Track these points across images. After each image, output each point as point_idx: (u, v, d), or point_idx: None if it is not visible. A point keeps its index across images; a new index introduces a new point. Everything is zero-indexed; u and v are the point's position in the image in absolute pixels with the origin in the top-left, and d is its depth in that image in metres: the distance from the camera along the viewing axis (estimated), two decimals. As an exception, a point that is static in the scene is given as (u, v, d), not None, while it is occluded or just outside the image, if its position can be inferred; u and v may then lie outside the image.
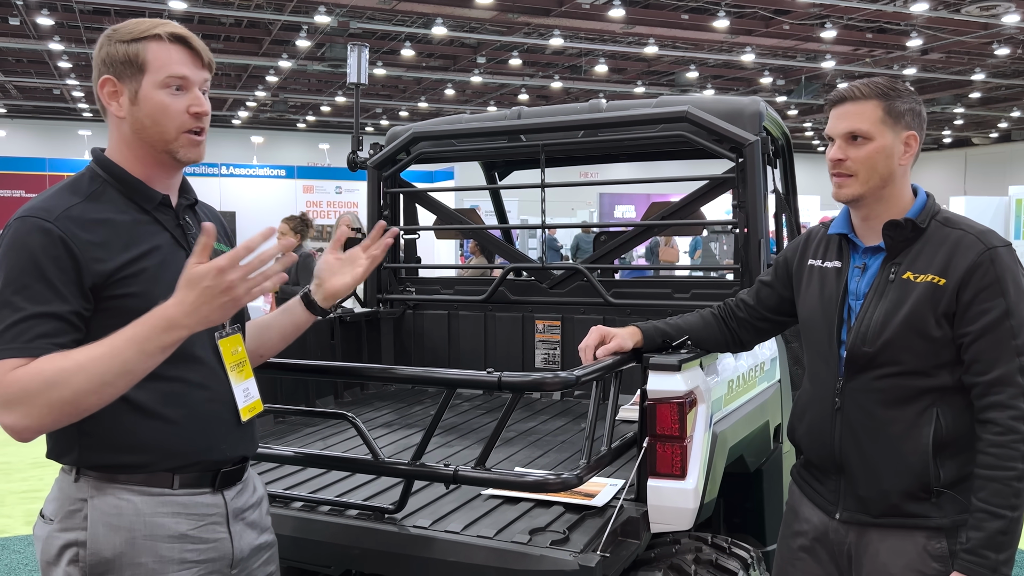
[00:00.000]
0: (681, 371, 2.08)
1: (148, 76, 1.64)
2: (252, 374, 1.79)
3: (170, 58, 1.65)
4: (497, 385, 1.90)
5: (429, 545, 2.00)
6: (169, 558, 1.61)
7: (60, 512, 1.62)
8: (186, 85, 1.66)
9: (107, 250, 1.57)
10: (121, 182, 1.66)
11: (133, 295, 1.57)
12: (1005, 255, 1.80)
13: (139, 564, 1.59)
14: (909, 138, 1.89)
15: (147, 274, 1.59)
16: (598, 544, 1.93)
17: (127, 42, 1.64)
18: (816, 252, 2.07)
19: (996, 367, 1.76)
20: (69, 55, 18.98)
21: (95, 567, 1.58)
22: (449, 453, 2.71)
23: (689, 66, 20.30)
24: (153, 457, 1.62)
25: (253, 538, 1.77)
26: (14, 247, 1.54)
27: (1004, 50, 17.59)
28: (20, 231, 1.55)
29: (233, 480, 1.74)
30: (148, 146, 1.67)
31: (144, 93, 1.64)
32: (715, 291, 3.36)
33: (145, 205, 1.67)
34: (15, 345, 1.47)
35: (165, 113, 1.64)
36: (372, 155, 3.74)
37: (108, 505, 1.59)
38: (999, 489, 1.74)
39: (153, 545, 1.60)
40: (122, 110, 1.65)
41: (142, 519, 1.60)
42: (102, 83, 1.65)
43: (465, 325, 3.74)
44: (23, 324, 1.49)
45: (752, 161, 3.03)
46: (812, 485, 2.05)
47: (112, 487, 1.60)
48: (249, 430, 1.77)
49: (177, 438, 1.63)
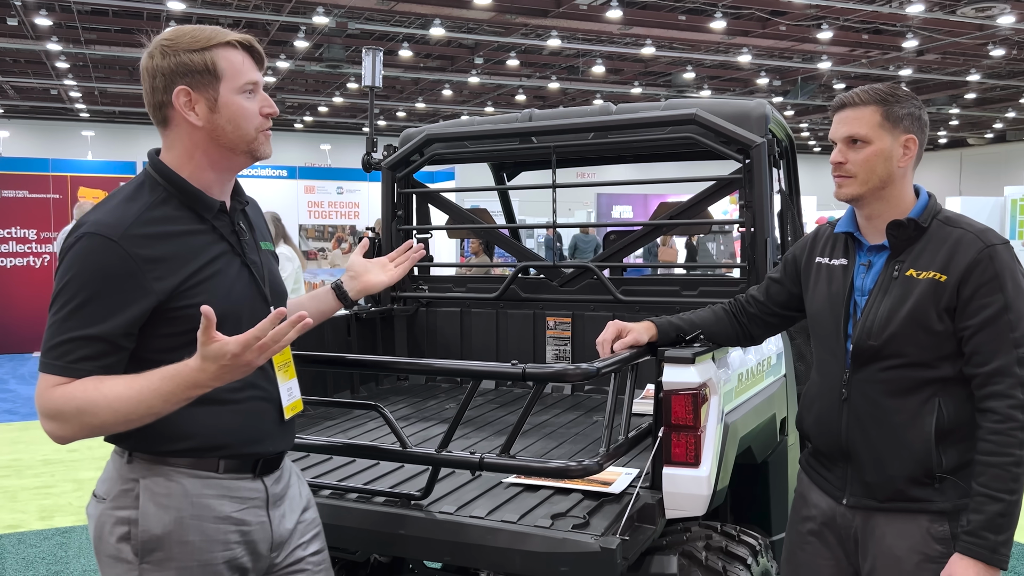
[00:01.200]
0: (695, 364, 2.17)
1: (225, 83, 1.69)
2: (295, 375, 1.88)
3: (242, 64, 1.72)
4: (522, 376, 1.99)
5: (456, 530, 2.10)
6: (214, 538, 1.70)
7: (112, 491, 1.71)
8: (256, 89, 1.74)
9: (169, 266, 1.63)
10: (181, 192, 1.70)
11: (194, 306, 1.58)
12: (1003, 252, 1.90)
13: (187, 542, 1.67)
14: (908, 141, 1.99)
15: (206, 284, 1.66)
16: (617, 528, 2.02)
17: (197, 51, 1.68)
18: (824, 250, 2.17)
19: (995, 359, 1.86)
20: (67, 55, 19.03)
21: (146, 544, 1.66)
22: (468, 444, 2.81)
23: (686, 67, 20.41)
24: (202, 444, 1.70)
25: (291, 520, 1.86)
26: (76, 263, 1.60)
27: (999, 51, 17.73)
28: (85, 248, 1.59)
29: (272, 468, 1.83)
30: (226, 150, 1.73)
31: (223, 100, 1.69)
32: (722, 288, 3.46)
33: (204, 214, 1.72)
34: (59, 363, 1.57)
35: (245, 117, 1.71)
36: (386, 156, 3.83)
37: (158, 485, 1.68)
38: (998, 474, 1.83)
39: (200, 525, 1.69)
40: (200, 119, 1.69)
41: (190, 500, 1.68)
42: (177, 93, 1.67)
43: (477, 322, 3.84)
44: (70, 344, 1.57)
45: (759, 162, 3.13)
46: (820, 472, 2.15)
47: (162, 468, 1.69)
48: (290, 427, 1.88)
49: (227, 431, 1.72)
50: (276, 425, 1.82)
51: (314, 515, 1.96)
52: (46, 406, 1.57)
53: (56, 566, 4.49)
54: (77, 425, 1.56)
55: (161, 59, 1.69)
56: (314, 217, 12.96)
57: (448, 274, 4.20)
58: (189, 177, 1.72)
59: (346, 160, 26.22)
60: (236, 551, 1.73)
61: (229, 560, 1.71)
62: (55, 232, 11.91)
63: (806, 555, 2.16)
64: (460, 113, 26.85)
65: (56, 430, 1.58)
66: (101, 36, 17.95)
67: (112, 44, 18.37)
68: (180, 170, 1.72)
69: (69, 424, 1.56)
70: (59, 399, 1.55)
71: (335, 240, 12.93)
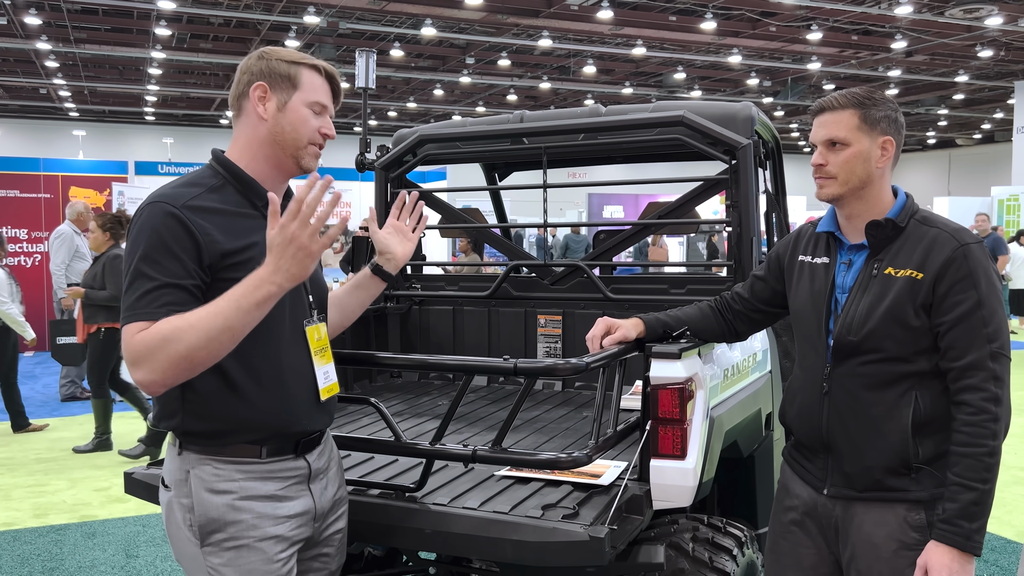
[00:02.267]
0: (681, 359, 2.24)
1: (299, 93, 1.90)
2: (332, 359, 2.02)
3: (320, 86, 1.94)
4: (514, 371, 2.05)
5: (450, 521, 2.15)
6: (265, 514, 1.84)
7: (173, 481, 1.88)
8: (323, 112, 1.94)
9: (220, 234, 1.79)
10: (238, 179, 1.89)
11: (238, 280, 1.73)
12: (977, 251, 1.98)
13: (240, 521, 1.82)
14: (885, 143, 2.06)
15: (252, 263, 1.77)
16: (606, 518, 2.08)
17: (287, 62, 1.91)
18: (806, 249, 2.24)
19: (969, 353, 1.93)
20: (56, 55, 18.99)
21: (204, 526, 1.82)
22: (461, 438, 2.87)
23: (677, 67, 20.52)
24: (242, 425, 1.83)
25: (331, 493, 2.01)
26: (147, 228, 1.76)
27: (987, 52, 17.90)
28: (152, 215, 1.76)
29: (312, 446, 1.97)
30: (279, 148, 1.90)
31: (292, 104, 1.90)
32: (709, 287, 3.53)
33: (256, 202, 1.89)
34: (145, 311, 1.69)
35: (305, 124, 1.91)
36: (379, 157, 3.88)
37: (207, 474, 1.83)
38: (972, 464, 1.90)
39: (250, 504, 1.83)
40: (267, 113, 1.89)
41: (237, 483, 1.83)
42: (255, 87, 1.89)
43: (469, 320, 3.90)
44: (154, 293, 1.71)
45: (745, 163, 3.20)
46: (802, 464, 2.22)
47: (208, 458, 1.83)
48: (327, 407, 2.00)
49: (266, 410, 1.84)
50: (312, 405, 1.94)
51: (345, 493, 2.11)
52: (134, 350, 1.68)
53: (51, 563, 4.53)
54: (164, 360, 1.65)
55: (255, 62, 1.92)
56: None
57: (440, 272, 4.25)
58: (246, 168, 1.91)
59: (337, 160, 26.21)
60: (286, 525, 1.87)
61: (279, 535, 1.86)
62: (46, 232, 11.91)
63: (788, 544, 2.23)
64: (451, 113, 26.89)
65: (146, 375, 1.67)
66: (91, 35, 17.92)
67: (102, 43, 18.34)
68: (238, 161, 1.91)
69: (156, 361, 1.65)
70: (146, 337, 1.67)
71: (327, 239, 12.90)
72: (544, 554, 2.05)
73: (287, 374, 1.88)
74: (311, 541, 1.98)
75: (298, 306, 1.93)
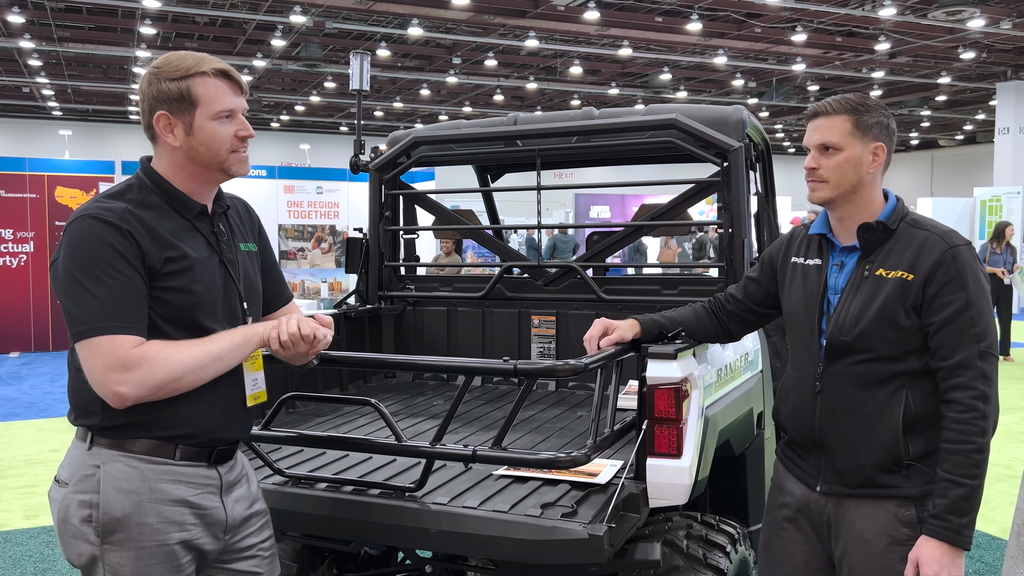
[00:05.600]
0: (677, 359, 2.28)
1: (200, 109, 1.87)
2: (262, 367, 2.04)
3: (217, 92, 1.88)
4: (513, 372, 2.09)
5: (450, 520, 2.18)
6: (171, 519, 1.83)
7: (75, 476, 1.84)
8: (233, 115, 1.91)
9: (153, 244, 1.81)
10: (166, 193, 1.90)
11: (173, 289, 1.81)
12: (966, 253, 2.03)
13: (145, 524, 1.80)
14: (877, 149, 2.11)
15: (187, 273, 1.82)
16: (604, 516, 2.12)
17: (175, 80, 1.85)
18: (799, 250, 2.28)
19: (958, 353, 1.98)
20: (40, 53, 18.84)
21: (107, 526, 1.80)
22: (458, 438, 2.89)
23: (663, 68, 20.60)
24: (163, 434, 1.84)
25: (244, 508, 2.01)
26: (87, 239, 1.75)
27: (969, 54, 18.08)
28: (89, 226, 1.76)
29: (226, 458, 1.98)
30: (201, 167, 1.91)
31: (198, 124, 1.87)
32: (701, 287, 3.58)
33: (186, 214, 1.91)
34: (131, 324, 1.73)
35: (218, 140, 1.89)
36: (373, 158, 3.90)
37: (118, 471, 1.81)
38: (961, 461, 1.95)
39: (157, 507, 1.82)
40: (177, 140, 1.88)
41: (147, 484, 1.82)
42: (157, 118, 1.87)
43: (464, 321, 3.92)
44: (126, 302, 1.74)
45: (736, 166, 3.24)
46: (795, 461, 2.26)
47: (121, 455, 1.82)
48: (249, 416, 2.03)
49: (190, 419, 1.85)
50: (238, 413, 1.97)
51: (263, 506, 2.11)
52: (129, 359, 1.71)
53: (43, 564, 4.52)
54: (159, 382, 1.74)
55: (147, 86, 1.88)
56: (293, 217, 12.94)
57: (435, 273, 4.28)
58: (174, 182, 1.91)
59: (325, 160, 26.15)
60: (192, 532, 1.86)
61: (185, 541, 1.85)
62: (32, 232, 11.85)
63: (782, 540, 2.27)
64: (438, 113, 26.88)
65: (131, 389, 1.72)
66: (75, 34, 17.79)
67: (86, 42, 18.21)
68: (166, 176, 1.91)
69: (154, 379, 1.72)
70: (146, 353, 1.73)
71: (315, 240, 12.94)
72: (544, 552, 2.08)
73: (216, 380, 1.87)
74: (224, 553, 1.96)
75: (231, 312, 1.95)
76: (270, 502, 2.24)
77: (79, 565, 1.85)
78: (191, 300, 1.84)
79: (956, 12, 14.30)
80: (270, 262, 2.18)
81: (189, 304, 1.84)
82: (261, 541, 2.05)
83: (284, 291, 2.22)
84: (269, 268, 2.16)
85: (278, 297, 2.19)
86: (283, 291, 2.21)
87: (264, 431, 2.36)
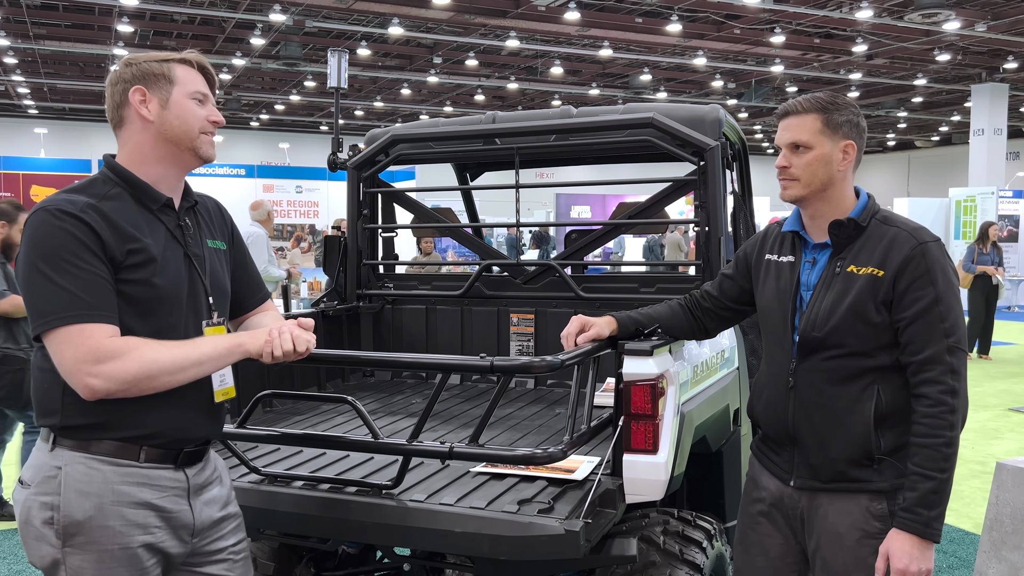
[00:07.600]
0: (653, 356, 2.29)
1: (178, 87, 1.91)
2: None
3: (195, 78, 1.96)
4: (490, 369, 2.09)
5: (427, 517, 2.18)
6: (134, 522, 1.80)
7: (37, 478, 1.81)
8: (206, 100, 1.94)
9: (116, 236, 1.79)
10: (131, 185, 1.88)
11: (135, 282, 1.79)
12: (935, 249, 2.06)
13: (107, 527, 1.78)
14: (847, 147, 2.14)
15: (149, 266, 1.81)
16: (580, 512, 2.13)
17: (157, 62, 1.92)
18: (772, 248, 2.31)
19: (927, 348, 2.01)
20: (15, 51, 18.63)
21: (68, 528, 1.77)
22: (436, 436, 2.89)
23: (643, 69, 20.69)
24: (127, 434, 1.81)
25: (215, 511, 1.97)
26: (49, 231, 1.74)
27: (945, 56, 18.30)
28: (50, 218, 1.75)
29: (195, 460, 1.94)
30: (173, 145, 1.90)
31: (175, 99, 1.91)
32: (678, 285, 3.60)
33: (151, 205, 1.89)
34: (103, 313, 1.72)
35: (192, 114, 1.92)
36: (351, 156, 3.90)
37: (79, 473, 1.78)
38: (930, 454, 1.98)
39: (120, 510, 1.79)
40: (152, 114, 1.89)
41: (110, 487, 1.79)
42: (133, 91, 1.88)
43: (442, 319, 3.92)
44: (96, 292, 1.73)
45: (713, 164, 3.27)
46: (769, 456, 2.29)
47: (83, 457, 1.79)
48: (218, 414, 2.01)
49: (156, 420, 1.83)
50: (206, 411, 1.95)
51: (236, 509, 2.07)
52: (106, 350, 1.70)
53: (17, 565, 4.47)
54: (132, 375, 1.72)
55: (124, 69, 1.92)
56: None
57: (413, 272, 4.27)
58: (138, 173, 1.89)
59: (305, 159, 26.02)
60: (157, 535, 1.84)
61: (148, 544, 1.82)
62: (6, 231, 11.68)
63: (756, 535, 2.29)
64: (419, 112, 26.83)
65: (104, 383, 1.70)
66: (51, 31, 17.60)
67: (62, 39, 18.02)
68: (131, 167, 1.90)
69: (127, 372, 1.71)
70: (120, 346, 1.72)
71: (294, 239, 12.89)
72: (520, 548, 2.09)
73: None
74: (193, 556, 1.93)
75: (198, 307, 1.94)
76: (246, 501, 2.23)
77: (41, 567, 1.82)
78: (153, 293, 1.82)
79: (932, 15, 14.46)
80: (244, 260, 2.16)
81: (152, 297, 1.82)
82: (233, 544, 2.01)
83: (260, 290, 2.21)
84: (243, 267, 2.15)
85: (253, 296, 2.18)
86: (259, 289, 2.20)
87: (239, 429, 2.35)
